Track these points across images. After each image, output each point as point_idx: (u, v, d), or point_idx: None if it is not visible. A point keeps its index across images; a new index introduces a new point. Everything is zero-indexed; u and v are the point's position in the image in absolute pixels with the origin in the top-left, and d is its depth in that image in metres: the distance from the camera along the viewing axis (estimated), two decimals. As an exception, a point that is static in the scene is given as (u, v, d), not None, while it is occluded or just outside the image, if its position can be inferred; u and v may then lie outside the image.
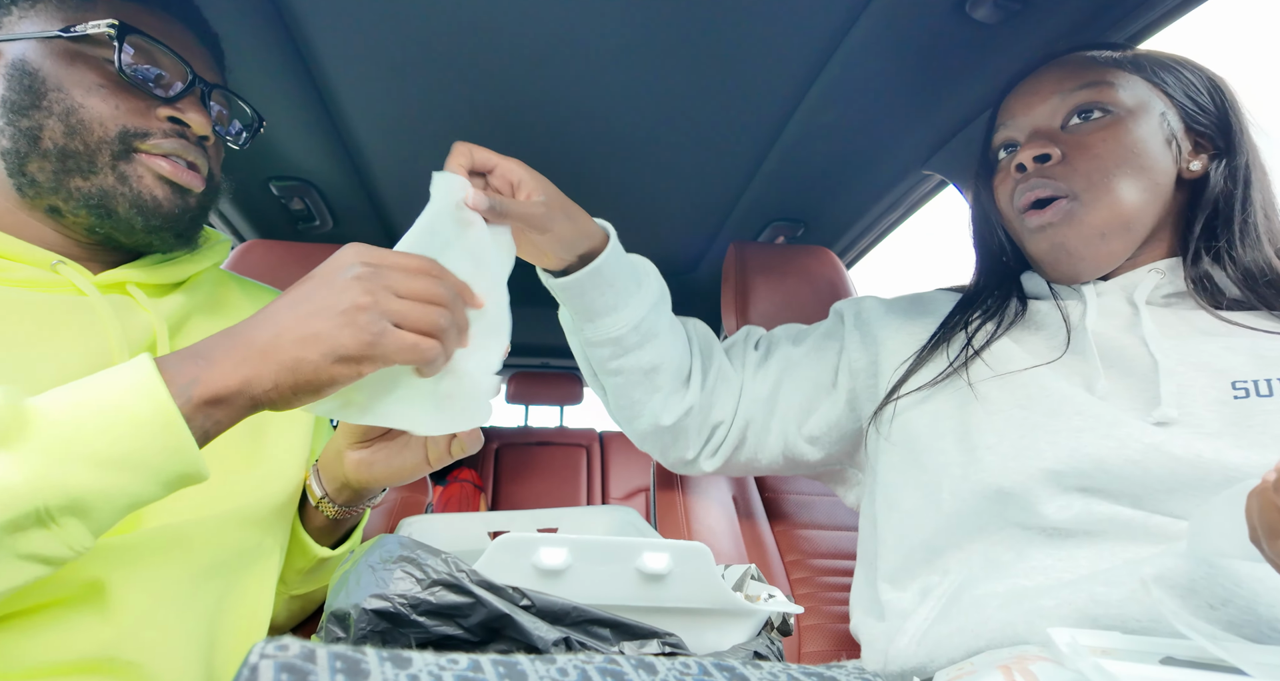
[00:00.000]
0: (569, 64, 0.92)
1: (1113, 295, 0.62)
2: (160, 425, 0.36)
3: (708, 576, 0.44)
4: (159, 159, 0.54)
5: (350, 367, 0.40)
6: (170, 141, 0.55)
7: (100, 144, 0.51)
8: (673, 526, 0.95)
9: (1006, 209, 0.67)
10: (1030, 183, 0.61)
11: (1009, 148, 0.67)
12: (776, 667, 0.31)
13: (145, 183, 0.53)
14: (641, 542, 0.43)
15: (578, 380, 2.50)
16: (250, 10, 0.80)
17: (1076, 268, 0.61)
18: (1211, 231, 0.60)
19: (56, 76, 0.51)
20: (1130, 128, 0.59)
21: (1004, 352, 0.62)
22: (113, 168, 0.52)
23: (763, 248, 1.17)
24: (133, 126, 0.53)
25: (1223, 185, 0.60)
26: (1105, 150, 0.59)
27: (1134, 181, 0.59)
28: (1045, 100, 0.63)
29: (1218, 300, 0.58)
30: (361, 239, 0.45)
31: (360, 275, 0.41)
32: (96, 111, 0.51)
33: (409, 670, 0.24)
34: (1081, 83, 0.62)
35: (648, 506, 1.08)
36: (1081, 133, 0.61)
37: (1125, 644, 0.35)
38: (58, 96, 0.51)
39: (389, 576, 0.38)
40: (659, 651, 0.40)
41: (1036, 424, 0.54)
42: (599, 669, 0.26)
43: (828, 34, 0.85)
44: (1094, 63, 0.64)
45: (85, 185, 0.52)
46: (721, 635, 0.46)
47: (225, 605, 0.52)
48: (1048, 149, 0.60)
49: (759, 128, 1.07)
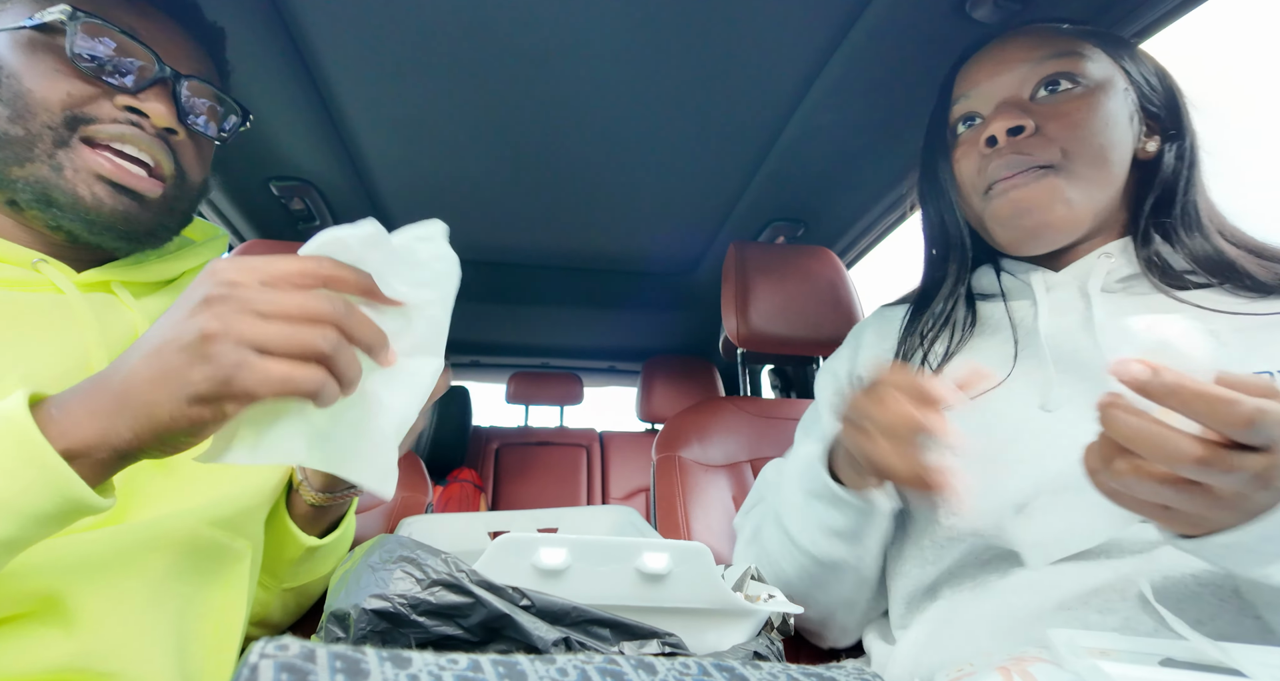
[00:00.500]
0: (569, 64, 0.92)
1: (1065, 288, 0.61)
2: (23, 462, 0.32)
3: (707, 576, 0.44)
4: (102, 153, 0.51)
5: (210, 408, 0.34)
6: (118, 127, 0.51)
7: (42, 129, 0.49)
8: (672, 526, 0.95)
9: (968, 184, 0.63)
10: (1006, 159, 0.58)
11: (969, 121, 0.64)
12: (776, 668, 0.31)
13: (81, 177, 0.50)
14: (641, 543, 0.43)
15: (577, 380, 2.50)
16: (250, 10, 0.80)
17: (1038, 236, 0.59)
18: (1159, 212, 0.60)
19: (14, 64, 0.49)
20: (1101, 100, 0.58)
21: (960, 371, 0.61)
22: (49, 156, 0.49)
23: (763, 248, 1.17)
24: (80, 112, 0.50)
25: (1173, 166, 0.60)
26: (1081, 119, 0.57)
27: (1107, 155, 0.58)
28: (1012, 69, 0.60)
29: (1170, 279, 0.57)
30: None
31: (211, 297, 0.34)
32: (43, 95, 0.49)
33: (409, 670, 0.24)
34: (1051, 51, 0.59)
35: (648, 506, 1.08)
36: (1053, 103, 0.58)
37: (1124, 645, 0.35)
38: (10, 83, 0.49)
39: (389, 576, 0.38)
40: (659, 651, 0.41)
41: (997, 453, 0.53)
42: (599, 669, 0.26)
43: (828, 34, 0.85)
44: (1060, 33, 0.62)
45: (22, 174, 0.49)
46: (721, 635, 0.46)
47: (194, 608, 0.50)
48: (1021, 120, 0.57)
49: (759, 128, 1.07)
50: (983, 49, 0.64)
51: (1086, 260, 0.61)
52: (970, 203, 0.64)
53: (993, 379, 0.57)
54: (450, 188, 1.30)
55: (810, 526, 0.58)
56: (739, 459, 1.06)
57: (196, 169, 0.59)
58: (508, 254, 1.71)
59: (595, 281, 1.83)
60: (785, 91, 0.96)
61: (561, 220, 1.48)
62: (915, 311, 0.70)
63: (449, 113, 1.03)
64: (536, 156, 1.17)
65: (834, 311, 1.10)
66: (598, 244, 1.62)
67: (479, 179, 1.26)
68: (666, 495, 0.99)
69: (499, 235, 1.58)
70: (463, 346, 2.30)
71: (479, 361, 2.55)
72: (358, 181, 1.26)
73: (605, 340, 2.24)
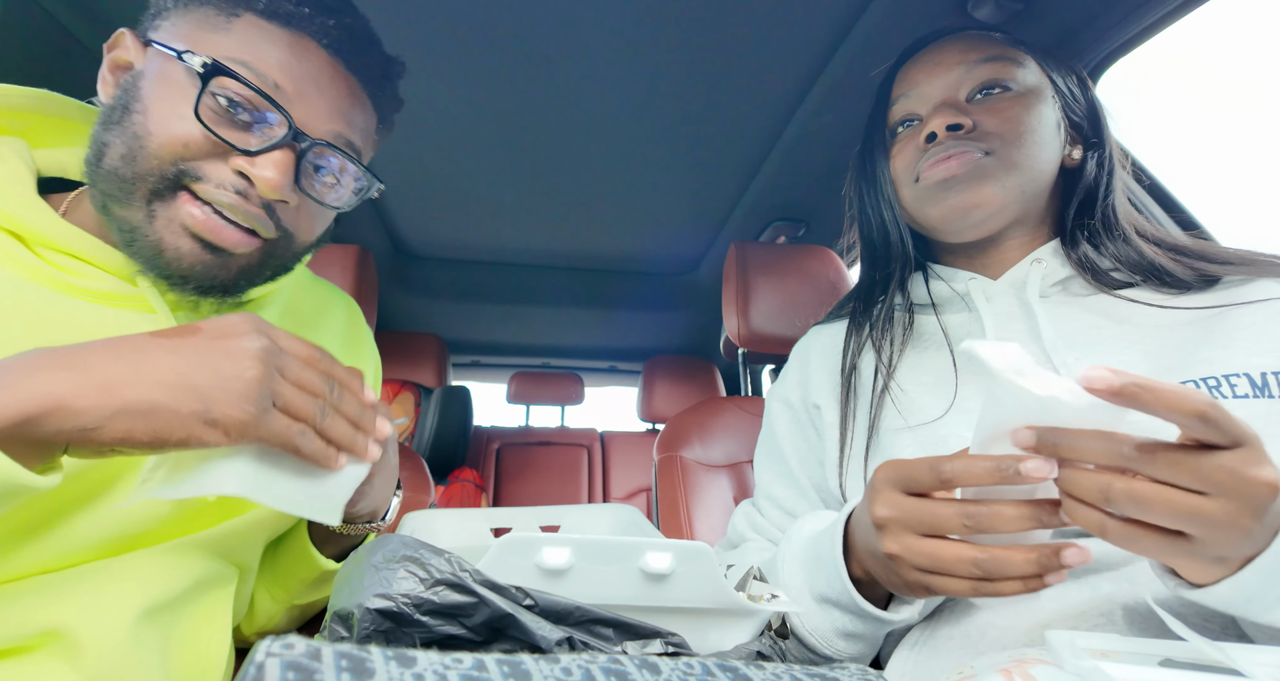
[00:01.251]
0: (570, 64, 0.92)
1: (1004, 297, 0.62)
2: None
3: (711, 576, 0.44)
4: (199, 208, 0.48)
5: (214, 433, 0.37)
6: (222, 193, 0.48)
7: (147, 175, 0.47)
8: (675, 526, 0.95)
9: (902, 178, 0.65)
10: (944, 145, 0.60)
11: (908, 122, 0.65)
12: (780, 668, 0.31)
13: (172, 228, 0.48)
14: (644, 542, 0.43)
15: (578, 380, 2.50)
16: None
17: (968, 213, 0.60)
18: (1082, 216, 0.63)
19: (150, 97, 0.48)
20: (1033, 105, 0.61)
21: (909, 398, 0.60)
22: (147, 202, 0.48)
23: (764, 247, 1.17)
24: (191, 167, 0.48)
25: (1095, 173, 0.63)
26: (1014, 117, 0.59)
27: (1037, 152, 0.60)
28: (949, 71, 0.62)
29: (1101, 279, 0.60)
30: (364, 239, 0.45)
31: (263, 351, 0.40)
32: (160, 143, 0.47)
33: (414, 669, 0.24)
34: (986, 55, 0.62)
35: (648, 507, 1.08)
36: (988, 104, 0.61)
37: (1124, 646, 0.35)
38: (140, 118, 0.47)
39: (392, 576, 0.38)
40: (662, 651, 0.41)
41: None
42: (603, 668, 0.26)
43: (829, 34, 0.85)
44: (994, 39, 0.64)
45: (118, 212, 0.48)
46: (724, 635, 0.46)
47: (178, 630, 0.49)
48: (959, 118, 0.59)
49: (760, 127, 1.07)
50: (919, 52, 0.66)
51: (1020, 267, 0.63)
52: (902, 194, 0.66)
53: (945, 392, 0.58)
54: (450, 187, 1.30)
55: (824, 628, 0.51)
56: (740, 459, 1.06)
57: (307, 231, 0.55)
58: (508, 254, 1.71)
59: (596, 281, 1.83)
60: (786, 91, 0.96)
61: (562, 220, 1.48)
62: (857, 317, 0.70)
63: (449, 113, 1.03)
64: (537, 156, 1.17)
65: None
66: (599, 244, 1.62)
67: (479, 179, 1.26)
68: (669, 495, 0.99)
69: (499, 235, 1.58)
70: (463, 346, 2.31)
71: (480, 361, 2.56)
72: (359, 182, 1.26)
73: (606, 340, 2.24)
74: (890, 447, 0.58)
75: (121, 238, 0.49)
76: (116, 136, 0.47)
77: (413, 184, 1.29)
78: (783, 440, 0.72)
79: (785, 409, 0.73)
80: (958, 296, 0.65)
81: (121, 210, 0.48)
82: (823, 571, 0.50)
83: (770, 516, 0.70)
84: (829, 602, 0.50)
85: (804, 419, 0.71)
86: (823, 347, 0.73)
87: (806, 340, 0.78)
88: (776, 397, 0.76)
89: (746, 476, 1.05)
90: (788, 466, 0.70)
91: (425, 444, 1.68)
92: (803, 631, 0.51)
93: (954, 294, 0.65)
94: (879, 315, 0.67)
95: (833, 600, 0.49)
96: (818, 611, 0.51)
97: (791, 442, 0.71)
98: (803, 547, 0.54)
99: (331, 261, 0.99)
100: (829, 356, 0.72)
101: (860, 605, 0.47)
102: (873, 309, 0.69)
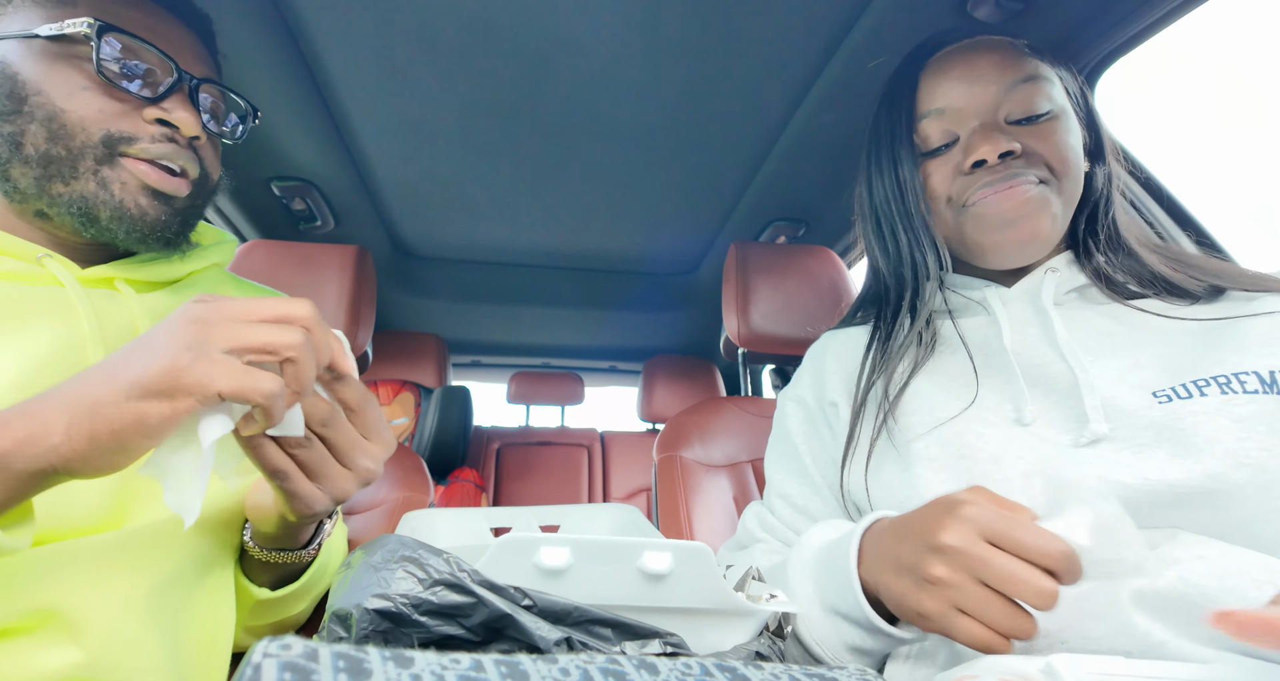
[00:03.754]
0: (570, 64, 0.92)
1: (1020, 302, 0.62)
2: None
3: (710, 576, 0.44)
4: (144, 164, 0.52)
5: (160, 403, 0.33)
6: (159, 146, 0.53)
7: (84, 148, 0.50)
8: (675, 526, 0.95)
9: (941, 198, 0.63)
10: (997, 172, 0.59)
11: (949, 144, 0.63)
12: (778, 668, 0.31)
13: (129, 189, 0.52)
14: (643, 542, 0.43)
15: (578, 380, 2.50)
16: (252, 12, 0.81)
17: (1026, 244, 0.59)
18: (1091, 228, 0.64)
19: (37, 79, 0.49)
20: (1070, 127, 0.61)
21: (926, 397, 0.60)
22: (94, 172, 0.51)
23: (764, 247, 1.17)
24: (117, 131, 0.51)
25: (1101, 185, 0.64)
26: (1059, 141, 0.59)
27: (1078, 175, 0.61)
28: (986, 89, 0.61)
29: (1116, 289, 0.60)
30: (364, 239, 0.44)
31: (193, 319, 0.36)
32: (79, 115, 0.50)
33: (411, 669, 0.24)
34: (1022, 75, 0.60)
35: (649, 506, 1.08)
36: (1031, 127, 0.60)
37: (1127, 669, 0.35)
38: (39, 100, 0.49)
39: (391, 576, 0.38)
40: (661, 651, 0.40)
41: (985, 473, 0.52)
42: (601, 669, 0.26)
43: (829, 34, 0.85)
44: (1024, 53, 0.63)
45: (66, 191, 0.50)
46: (723, 635, 0.46)
47: (186, 613, 0.50)
48: (1011, 146, 0.58)
49: (760, 127, 1.07)
50: (947, 62, 0.64)
51: (1035, 276, 0.63)
52: (942, 215, 0.64)
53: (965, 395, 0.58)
54: (450, 187, 1.31)
55: (832, 640, 0.50)
56: (740, 459, 1.06)
57: (214, 166, 0.60)
58: (508, 254, 1.71)
59: (596, 281, 1.83)
60: (786, 91, 0.96)
61: (563, 220, 1.48)
62: (882, 330, 0.68)
63: (450, 113, 1.03)
64: (538, 156, 1.17)
65: (835, 311, 1.10)
66: (599, 244, 1.62)
67: (479, 179, 1.26)
68: (668, 495, 0.99)
69: (499, 235, 1.58)
70: (463, 346, 2.31)
71: (480, 361, 2.56)
72: (359, 181, 1.26)
73: (606, 340, 2.24)
74: (905, 448, 0.58)
75: (77, 213, 0.51)
76: (23, 124, 0.49)
77: (412, 184, 1.29)
78: (796, 437, 0.72)
79: (799, 407, 0.73)
80: (973, 302, 0.65)
81: (67, 186, 0.50)
82: (833, 582, 0.49)
83: (782, 515, 0.70)
84: (839, 615, 0.49)
85: (819, 417, 0.71)
86: (838, 351, 0.73)
87: (821, 344, 0.78)
88: (790, 398, 0.75)
89: (747, 476, 1.05)
90: (801, 463, 0.70)
91: (425, 444, 1.68)
92: (809, 640, 0.50)
93: (964, 301, 0.65)
94: (911, 329, 0.66)
95: (843, 613, 0.48)
96: (825, 622, 0.49)
97: (805, 440, 0.71)
98: (814, 556, 0.53)
99: (331, 261, 0.99)
100: (844, 359, 0.72)
101: (872, 620, 0.46)
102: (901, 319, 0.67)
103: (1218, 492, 0.45)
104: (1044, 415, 0.54)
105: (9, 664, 0.40)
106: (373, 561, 0.41)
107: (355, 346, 0.99)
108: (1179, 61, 0.65)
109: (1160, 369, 0.52)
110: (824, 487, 0.68)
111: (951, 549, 0.39)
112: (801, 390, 0.74)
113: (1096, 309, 0.60)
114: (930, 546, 0.40)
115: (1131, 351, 0.55)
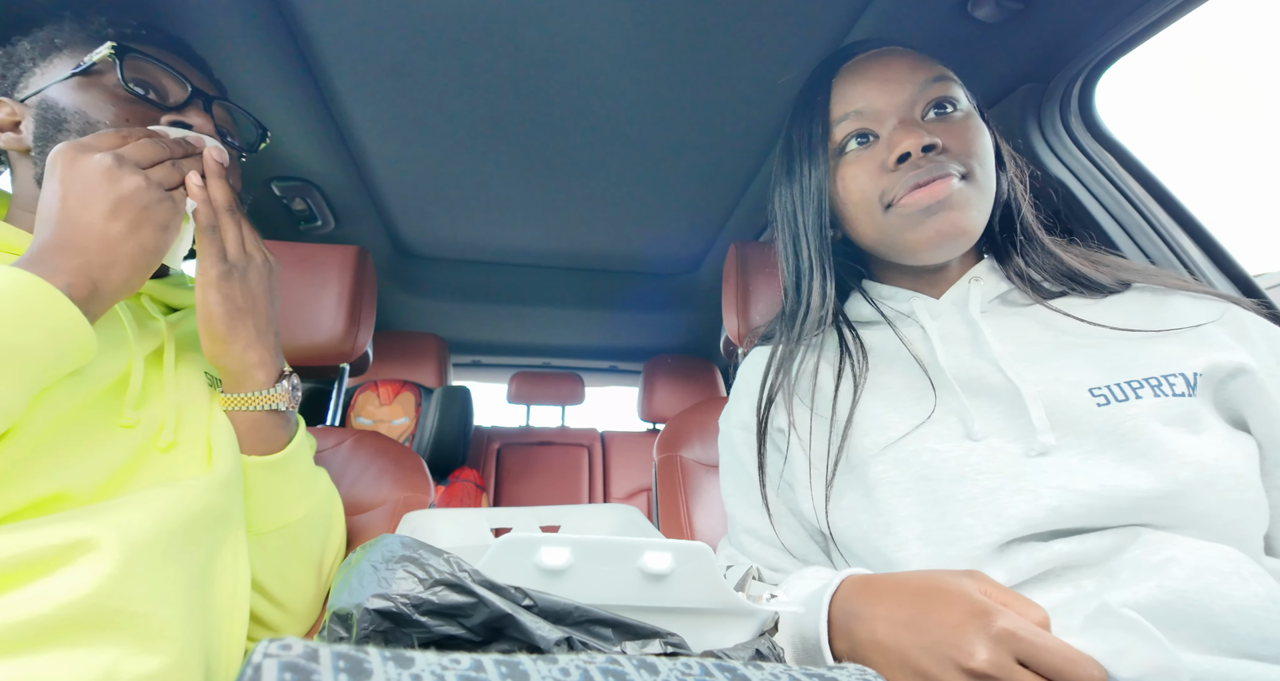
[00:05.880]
0: (570, 65, 0.92)
1: (948, 315, 0.62)
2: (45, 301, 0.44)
3: (710, 576, 0.44)
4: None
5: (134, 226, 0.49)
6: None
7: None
8: (675, 526, 0.95)
9: (863, 200, 0.61)
10: (920, 167, 0.57)
11: (862, 138, 0.62)
12: (778, 668, 0.31)
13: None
14: (643, 542, 0.43)
15: (579, 380, 2.50)
16: (252, 12, 0.81)
17: (951, 238, 0.58)
18: (1005, 231, 0.65)
19: (74, 104, 0.58)
20: (980, 125, 0.61)
21: (875, 418, 0.58)
22: None
23: (764, 247, 1.17)
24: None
25: (1007, 188, 0.65)
26: (973, 138, 0.59)
27: (993, 174, 0.61)
28: (902, 88, 0.60)
29: (1038, 290, 0.62)
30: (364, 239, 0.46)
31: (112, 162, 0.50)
32: (108, 124, 0.57)
33: (412, 669, 0.24)
34: (934, 75, 0.61)
35: (649, 507, 1.08)
36: (945, 124, 0.60)
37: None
38: (77, 118, 0.57)
39: (391, 576, 0.38)
40: (661, 651, 0.40)
41: (950, 494, 0.52)
42: (601, 669, 0.26)
43: (829, 33, 0.85)
44: (931, 57, 0.64)
45: None
46: (723, 635, 0.46)
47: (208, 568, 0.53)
48: (932, 139, 0.57)
49: (760, 127, 1.07)
50: (860, 67, 0.63)
51: (960, 286, 0.63)
52: (864, 217, 0.62)
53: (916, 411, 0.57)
54: (451, 188, 1.31)
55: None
56: (740, 459, 1.06)
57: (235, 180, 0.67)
58: (508, 254, 1.71)
59: (596, 281, 1.83)
60: (787, 91, 0.96)
61: (563, 220, 1.48)
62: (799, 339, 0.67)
63: (450, 113, 1.04)
64: (537, 156, 1.17)
65: (835, 311, 1.10)
66: (599, 244, 1.62)
67: (479, 179, 1.26)
68: (669, 495, 0.99)
69: (500, 235, 1.59)
70: (464, 346, 2.31)
71: (480, 361, 2.56)
72: (359, 181, 1.26)
73: (606, 340, 2.25)
74: (861, 469, 0.57)
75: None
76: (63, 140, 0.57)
77: (412, 184, 1.29)
78: (750, 467, 0.69)
79: (746, 434, 0.70)
80: (901, 314, 0.65)
81: None
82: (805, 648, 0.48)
83: (752, 551, 0.67)
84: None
85: (767, 442, 0.68)
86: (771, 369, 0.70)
87: (751, 362, 0.75)
88: (734, 425, 0.72)
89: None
90: (760, 495, 0.67)
91: (425, 444, 1.68)
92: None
93: (895, 312, 0.66)
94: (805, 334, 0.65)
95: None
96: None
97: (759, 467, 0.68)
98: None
99: (331, 261, 0.99)
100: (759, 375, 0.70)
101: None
102: (810, 329, 0.66)
103: (1173, 493, 0.47)
104: (991, 427, 0.54)
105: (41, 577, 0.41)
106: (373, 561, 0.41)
107: (356, 346, 0.99)
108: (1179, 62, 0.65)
109: (1094, 368, 0.53)
110: (788, 515, 0.66)
111: (986, 677, 0.38)
112: (743, 415, 0.71)
113: (1023, 312, 0.61)
114: (961, 667, 0.39)
115: (1064, 354, 0.56)
